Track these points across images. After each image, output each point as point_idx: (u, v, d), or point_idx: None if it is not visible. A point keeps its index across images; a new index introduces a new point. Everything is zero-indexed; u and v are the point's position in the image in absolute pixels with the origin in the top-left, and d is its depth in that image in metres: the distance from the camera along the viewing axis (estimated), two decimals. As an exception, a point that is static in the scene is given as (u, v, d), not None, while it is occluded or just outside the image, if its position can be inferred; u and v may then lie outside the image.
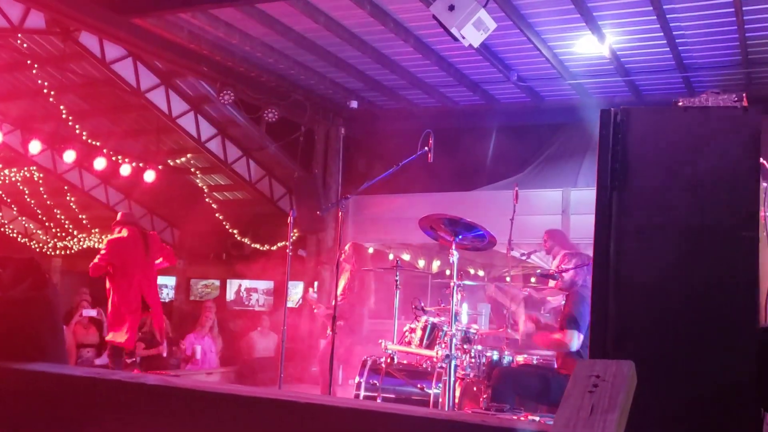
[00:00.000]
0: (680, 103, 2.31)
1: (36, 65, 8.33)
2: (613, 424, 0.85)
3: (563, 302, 4.47)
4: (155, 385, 1.22)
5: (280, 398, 1.10)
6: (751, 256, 1.84)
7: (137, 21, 6.70)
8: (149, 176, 9.72)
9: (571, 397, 0.91)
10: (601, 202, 1.95)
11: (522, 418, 3.19)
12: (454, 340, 3.96)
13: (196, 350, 8.17)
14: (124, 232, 6.00)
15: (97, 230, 12.80)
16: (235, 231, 11.38)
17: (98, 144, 9.50)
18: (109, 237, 6.10)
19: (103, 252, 5.90)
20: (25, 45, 8.14)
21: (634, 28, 6.26)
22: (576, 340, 3.96)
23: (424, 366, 4.44)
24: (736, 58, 6.73)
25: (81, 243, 13.06)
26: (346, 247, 5.95)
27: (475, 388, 4.35)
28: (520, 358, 4.49)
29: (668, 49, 6.54)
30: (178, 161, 10.84)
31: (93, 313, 7.91)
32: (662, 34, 6.23)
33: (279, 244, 10.77)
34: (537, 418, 3.23)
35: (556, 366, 4.21)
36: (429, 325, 4.36)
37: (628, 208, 1.93)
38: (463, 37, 4.99)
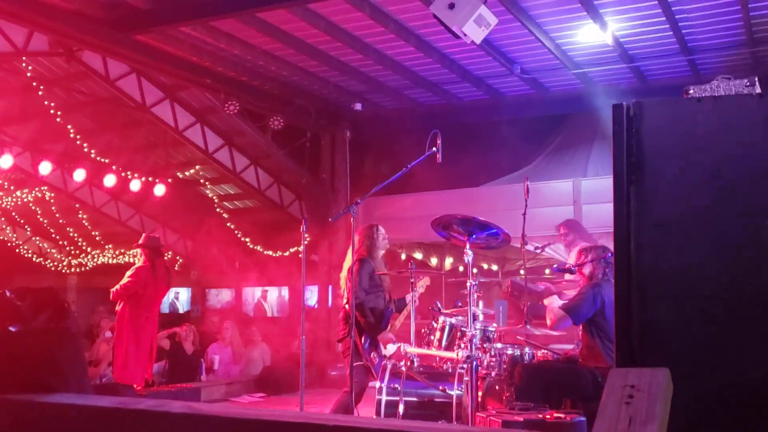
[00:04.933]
0: (691, 92, 2.26)
1: (42, 87, 8.38)
2: (653, 436, 0.82)
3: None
4: (180, 414, 1.21)
5: (307, 422, 1.08)
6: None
7: (139, 37, 6.73)
8: (159, 190, 9.76)
9: (608, 409, 0.89)
10: (619, 198, 1.92)
11: (548, 416, 3.16)
12: (474, 340, 3.94)
13: (215, 360, 8.20)
14: (155, 265, 5.94)
15: (110, 246, 12.90)
16: (247, 239, 11.40)
17: (107, 161, 9.55)
18: (138, 264, 6.03)
19: (129, 280, 5.83)
20: (30, 68, 8.20)
21: (636, 14, 6.20)
22: (561, 323, 4.06)
23: (444, 367, 4.41)
24: (741, 38, 6.64)
25: (95, 259, 13.17)
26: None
27: (497, 387, 4.31)
28: (540, 354, 4.46)
29: (671, 32, 6.47)
30: (187, 173, 10.88)
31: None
32: (665, 18, 6.16)
33: (291, 250, 10.78)
34: (563, 415, 3.20)
35: (579, 360, 4.17)
36: (447, 326, 4.33)
37: (647, 203, 1.90)
38: (465, 35, 4.96)
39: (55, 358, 1.44)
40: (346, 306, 4.61)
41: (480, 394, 4.06)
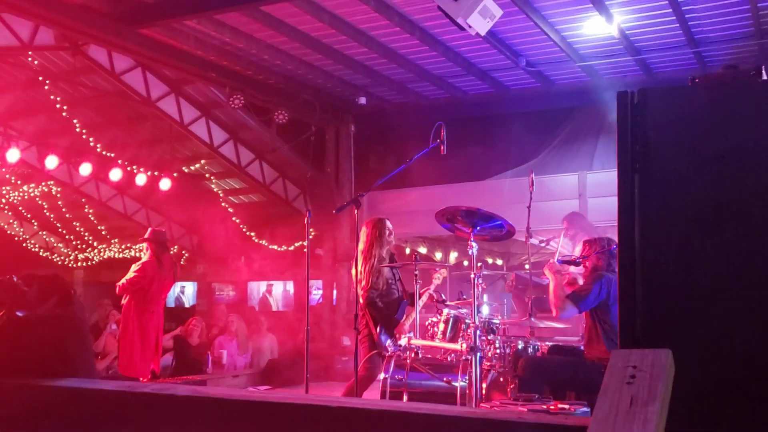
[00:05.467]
0: (696, 81, 2.25)
1: (48, 81, 8.41)
2: (655, 416, 0.83)
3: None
4: (186, 396, 1.22)
5: (311, 403, 1.09)
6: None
7: (144, 31, 6.74)
8: (165, 184, 9.78)
9: (609, 390, 0.89)
10: (623, 186, 1.92)
11: (551, 407, 3.17)
12: (478, 332, 3.94)
13: (223, 354, 8.24)
14: (161, 259, 5.95)
15: (116, 240, 12.95)
16: (252, 234, 11.43)
17: (113, 155, 9.59)
18: (144, 259, 6.03)
19: (135, 274, 5.83)
20: (36, 62, 8.22)
21: (642, 6, 6.17)
22: (567, 312, 4.01)
23: (449, 359, 4.42)
24: (749, 30, 6.60)
25: (101, 254, 13.24)
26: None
27: (501, 379, 4.32)
28: (544, 346, 4.46)
29: (678, 24, 6.43)
30: (192, 168, 10.91)
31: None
32: (671, 9, 6.12)
33: (296, 244, 10.80)
34: (567, 406, 3.21)
35: (583, 353, 4.17)
36: (451, 318, 4.34)
37: (651, 190, 1.90)
38: (470, 26, 4.95)
39: (61, 342, 1.45)
40: (360, 300, 4.64)
41: (484, 386, 4.07)
